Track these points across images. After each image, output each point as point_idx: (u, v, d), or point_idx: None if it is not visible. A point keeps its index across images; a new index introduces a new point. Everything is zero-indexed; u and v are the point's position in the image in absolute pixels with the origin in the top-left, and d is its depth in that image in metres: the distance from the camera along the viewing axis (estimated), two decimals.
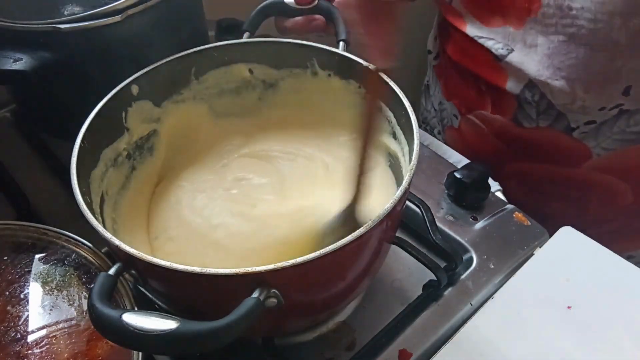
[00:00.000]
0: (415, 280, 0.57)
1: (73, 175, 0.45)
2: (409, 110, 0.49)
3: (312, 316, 0.51)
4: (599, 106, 0.68)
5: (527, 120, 0.73)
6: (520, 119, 0.74)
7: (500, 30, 0.70)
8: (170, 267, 0.38)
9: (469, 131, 0.82)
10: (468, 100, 0.80)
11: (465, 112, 0.81)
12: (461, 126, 0.83)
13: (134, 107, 0.55)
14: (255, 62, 0.60)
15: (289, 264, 0.38)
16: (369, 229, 0.40)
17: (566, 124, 0.71)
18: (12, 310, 0.47)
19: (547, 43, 0.66)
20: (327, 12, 0.62)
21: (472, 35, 0.73)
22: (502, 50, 0.70)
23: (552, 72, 0.68)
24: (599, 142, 0.71)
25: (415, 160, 0.45)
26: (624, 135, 0.70)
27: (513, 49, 0.69)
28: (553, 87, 0.68)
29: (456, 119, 0.84)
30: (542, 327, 0.51)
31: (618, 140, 0.70)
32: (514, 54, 0.70)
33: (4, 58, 0.53)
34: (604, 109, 0.68)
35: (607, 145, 0.71)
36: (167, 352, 0.48)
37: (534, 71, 0.69)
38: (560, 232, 0.59)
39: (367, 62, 0.52)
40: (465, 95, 0.80)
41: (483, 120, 0.79)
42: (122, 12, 0.56)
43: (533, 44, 0.67)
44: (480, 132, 0.80)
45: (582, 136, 0.71)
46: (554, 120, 0.72)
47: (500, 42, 0.70)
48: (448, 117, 0.86)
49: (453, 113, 0.84)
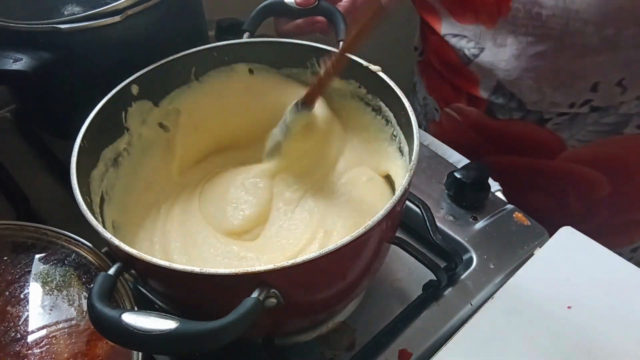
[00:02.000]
0: (415, 280, 0.57)
1: (73, 175, 0.45)
2: (408, 111, 0.50)
3: (312, 316, 0.51)
4: (568, 102, 0.69)
5: (500, 112, 0.74)
6: (494, 112, 0.75)
7: (472, 27, 0.71)
8: (169, 267, 0.38)
9: (448, 124, 0.83)
10: (445, 94, 0.81)
11: (443, 105, 0.82)
12: (441, 120, 0.84)
13: (134, 107, 0.55)
14: (256, 62, 0.60)
15: (289, 264, 0.38)
16: (369, 229, 0.40)
17: (539, 116, 0.72)
18: (12, 310, 0.47)
19: (516, 43, 0.67)
20: (328, 12, 0.62)
21: (446, 32, 0.74)
22: (473, 50, 0.71)
23: (520, 72, 0.68)
24: (573, 134, 0.72)
25: (415, 160, 0.45)
26: (597, 127, 0.71)
27: (484, 48, 0.70)
28: (522, 85, 0.69)
29: (437, 112, 0.85)
30: (542, 327, 0.51)
31: (592, 132, 0.71)
32: (484, 53, 0.70)
33: (4, 58, 0.53)
34: (574, 105, 0.69)
35: (582, 137, 0.72)
36: (167, 352, 0.48)
37: (502, 71, 0.69)
38: (560, 232, 0.59)
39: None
40: (443, 90, 0.81)
41: (460, 113, 0.80)
42: (122, 12, 0.56)
43: (502, 43, 0.68)
44: (458, 125, 0.81)
45: (555, 127, 0.72)
46: (527, 113, 0.73)
47: (472, 41, 0.71)
48: (430, 112, 0.88)
49: (434, 107, 0.85)
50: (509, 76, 0.69)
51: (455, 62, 0.75)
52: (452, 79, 0.78)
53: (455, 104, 0.80)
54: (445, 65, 0.78)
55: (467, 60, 0.72)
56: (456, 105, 0.79)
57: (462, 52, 0.73)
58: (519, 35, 0.66)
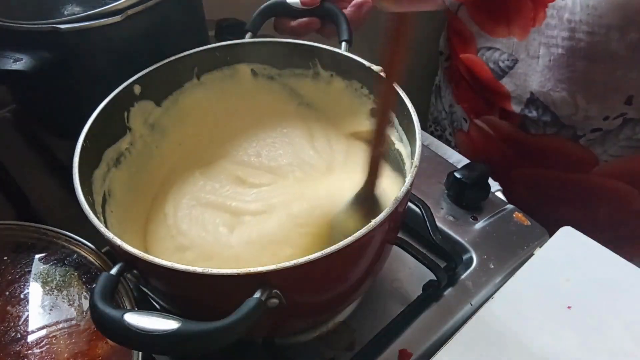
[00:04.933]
0: (415, 280, 0.58)
1: (75, 174, 0.45)
2: (411, 112, 0.50)
3: (313, 317, 0.51)
4: (602, 116, 0.69)
5: (533, 127, 0.74)
6: (527, 126, 0.74)
7: (505, 40, 0.71)
8: (171, 267, 0.38)
9: (478, 136, 0.82)
10: (476, 106, 0.80)
11: (473, 117, 0.82)
12: (470, 131, 0.84)
13: (136, 107, 0.55)
14: (258, 63, 0.60)
15: (291, 264, 0.38)
16: (371, 230, 0.40)
17: (572, 132, 0.71)
18: (12, 310, 0.47)
19: (548, 55, 0.67)
20: (331, 13, 0.62)
21: (480, 46, 0.74)
22: (507, 62, 0.71)
23: (553, 84, 0.68)
24: (605, 149, 0.71)
25: (417, 161, 0.45)
26: (630, 142, 0.70)
27: (517, 60, 0.70)
28: (555, 98, 0.69)
29: (465, 122, 0.84)
30: (542, 327, 0.52)
31: (625, 147, 0.71)
32: (518, 65, 0.70)
33: (4, 58, 0.53)
34: (608, 119, 0.69)
35: (614, 152, 0.72)
36: (168, 352, 0.48)
37: (536, 83, 0.69)
38: (560, 232, 0.59)
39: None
40: (473, 102, 0.81)
41: (491, 126, 0.79)
42: (122, 12, 0.55)
43: (535, 55, 0.68)
44: (488, 137, 0.80)
45: (588, 143, 0.72)
46: (560, 128, 0.72)
47: (505, 53, 0.71)
48: (458, 120, 0.87)
49: (462, 117, 0.85)
50: (543, 87, 0.69)
51: (487, 77, 0.75)
52: (484, 93, 0.77)
53: (486, 116, 0.79)
54: (476, 80, 0.77)
55: (500, 73, 0.72)
56: (487, 118, 0.79)
57: (496, 65, 0.73)
58: (551, 47, 0.66)
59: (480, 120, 0.80)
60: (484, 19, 0.73)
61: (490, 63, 0.74)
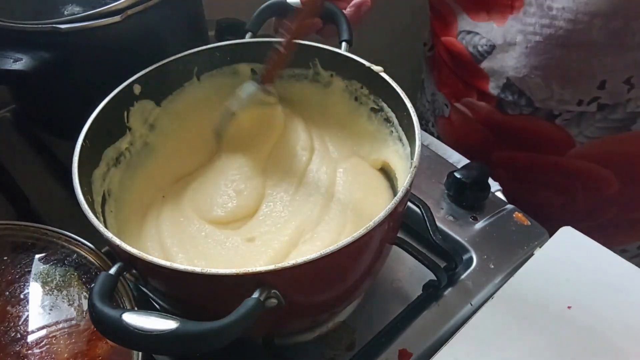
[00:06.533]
0: (415, 280, 0.57)
1: (75, 174, 0.45)
2: (410, 112, 0.50)
3: (312, 317, 0.51)
4: (576, 100, 0.70)
5: (510, 108, 0.75)
6: (504, 107, 0.76)
7: (485, 25, 0.72)
8: (170, 267, 0.38)
9: (458, 119, 0.84)
10: (456, 90, 0.82)
11: (454, 101, 0.83)
12: (451, 115, 0.85)
13: (136, 106, 0.55)
14: (258, 62, 0.60)
15: (290, 264, 0.38)
16: (370, 230, 0.40)
17: (548, 111, 0.73)
18: (12, 310, 0.47)
19: (525, 42, 0.68)
20: (331, 13, 0.62)
21: (461, 29, 0.75)
22: (485, 47, 0.72)
23: (529, 70, 0.70)
24: (581, 130, 0.73)
25: (417, 161, 0.45)
26: (606, 123, 0.71)
27: (494, 46, 0.71)
28: (531, 84, 0.71)
29: (447, 108, 0.85)
30: (542, 327, 0.52)
31: (600, 128, 0.72)
32: (496, 50, 0.71)
33: (4, 58, 0.53)
34: (582, 103, 0.70)
35: (590, 134, 0.73)
36: (167, 352, 0.48)
37: (512, 69, 0.71)
38: (560, 232, 0.59)
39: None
40: (454, 86, 0.82)
41: (470, 108, 0.80)
42: (122, 12, 0.56)
43: (512, 41, 0.69)
44: (468, 121, 0.82)
45: (564, 123, 0.73)
46: (536, 110, 0.74)
47: (484, 37, 0.72)
48: (439, 107, 0.88)
49: (444, 102, 0.86)
50: (518, 74, 0.70)
51: (467, 60, 0.76)
52: (463, 75, 0.78)
53: (466, 99, 0.80)
54: (457, 62, 0.79)
55: (479, 57, 0.74)
56: (467, 100, 0.80)
57: (475, 50, 0.74)
58: (528, 34, 0.67)
59: (460, 104, 0.82)
60: (466, 1, 0.74)
61: (470, 47, 0.75)
